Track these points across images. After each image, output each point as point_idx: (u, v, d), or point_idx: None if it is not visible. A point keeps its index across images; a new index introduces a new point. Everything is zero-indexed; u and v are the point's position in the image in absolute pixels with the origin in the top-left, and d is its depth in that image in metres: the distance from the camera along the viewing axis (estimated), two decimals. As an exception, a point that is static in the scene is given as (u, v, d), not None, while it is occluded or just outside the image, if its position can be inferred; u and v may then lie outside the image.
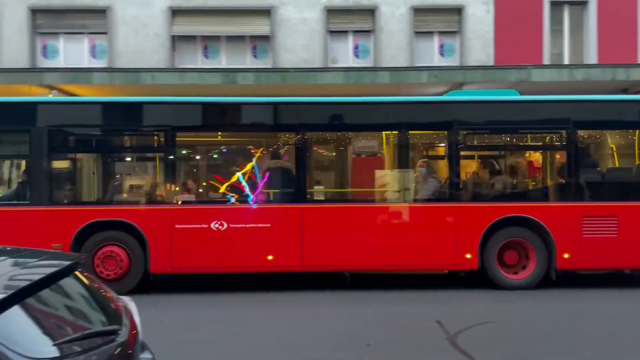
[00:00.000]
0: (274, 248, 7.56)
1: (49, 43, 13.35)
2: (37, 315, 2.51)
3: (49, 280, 2.72)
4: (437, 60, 13.43)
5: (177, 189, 7.87)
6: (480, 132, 8.20)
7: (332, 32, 13.40)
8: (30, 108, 7.79)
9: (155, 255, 7.54)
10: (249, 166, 7.92)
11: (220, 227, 7.60)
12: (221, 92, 10.13)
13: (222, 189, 7.86)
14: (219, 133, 8.57)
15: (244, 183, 7.78)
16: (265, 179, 7.81)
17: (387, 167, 8.16)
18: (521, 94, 8.52)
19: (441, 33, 13.51)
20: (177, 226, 7.62)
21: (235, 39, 13.46)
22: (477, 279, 7.81)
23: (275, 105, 8.09)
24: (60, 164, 8.01)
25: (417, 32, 13.31)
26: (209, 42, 13.52)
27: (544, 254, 7.51)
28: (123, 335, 2.71)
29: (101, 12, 13.10)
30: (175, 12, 13.23)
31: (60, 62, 13.22)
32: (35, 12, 13.09)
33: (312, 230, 7.54)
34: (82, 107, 8.27)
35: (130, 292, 6.44)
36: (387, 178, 8.11)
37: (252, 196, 7.71)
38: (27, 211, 7.49)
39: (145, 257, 7.55)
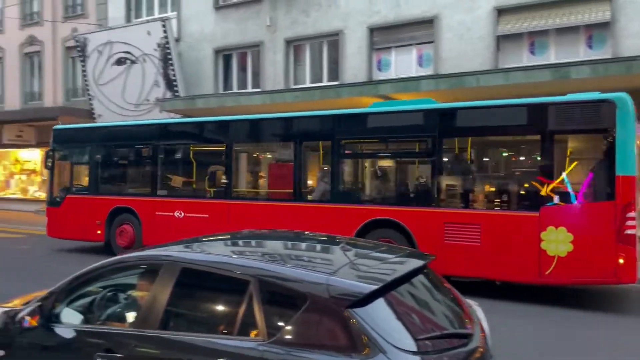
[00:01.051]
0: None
1: (383, 57, 14.85)
2: (398, 308, 2.69)
3: (407, 277, 2.89)
4: None
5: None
6: (355, 141, 8.97)
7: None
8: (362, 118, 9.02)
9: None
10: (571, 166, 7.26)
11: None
12: (550, 90, 9.40)
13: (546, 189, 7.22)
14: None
15: (568, 184, 7.12)
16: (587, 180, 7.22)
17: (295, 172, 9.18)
18: None
19: None
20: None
21: (567, 31, 12.33)
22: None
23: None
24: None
25: None
26: (536, 38, 12.76)
27: None
28: (475, 340, 2.68)
29: (428, 22, 13.84)
30: (501, 12, 12.95)
31: (392, 73, 14.54)
32: (372, 30, 14.74)
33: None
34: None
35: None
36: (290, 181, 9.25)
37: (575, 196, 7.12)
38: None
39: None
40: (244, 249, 3.79)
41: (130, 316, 3.28)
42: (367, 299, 2.54)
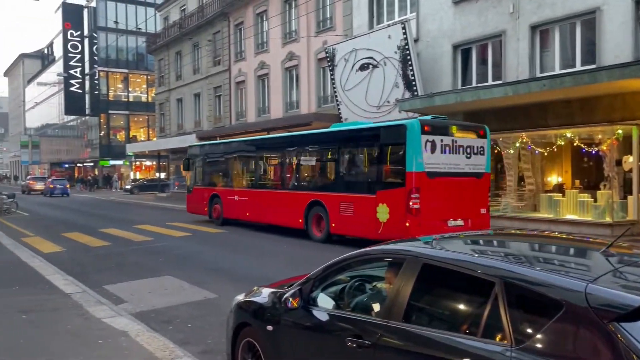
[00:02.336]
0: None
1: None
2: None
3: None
4: None
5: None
6: (301, 151, 14.51)
7: None
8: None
9: None
10: None
11: None
12: None
13: None
14: None
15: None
16: None
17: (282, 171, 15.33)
18: None
19: None
20: None
21: None
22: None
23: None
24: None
25: None
26: None
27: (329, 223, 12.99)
28: None
29: None
30: None
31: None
32: (638, 3, 12.62)
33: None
34: None
35: None
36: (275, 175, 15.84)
37: None
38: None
39: None
40: (485, 249, 3.68)
41: (376, 306, 3.46)
42: (637, 314, 2.19)
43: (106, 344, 5.33)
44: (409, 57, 17.43)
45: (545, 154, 15.51)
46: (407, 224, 10.74)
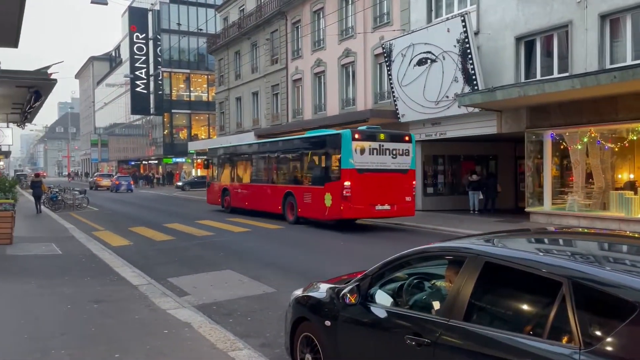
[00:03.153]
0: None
1: None
2: None
3: None
4: None
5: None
6: (278, 153, 18.43)
7: None
8: None
9: None
10: None
11: None
12: None
13: None
14: None
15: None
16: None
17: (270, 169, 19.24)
18: None
19: None
20: None
21: None
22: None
23: None
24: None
25: None
26: None
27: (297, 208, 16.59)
28: None
29: None
30: None
31: None
32: None
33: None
34: None
35: None
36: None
37: None
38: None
39: None
40: (551, 247, 3.56)
41: (436, 304, 3.41)
42: None
43: (171, 334, 5.55)
44: (468, 51, 16.99)
45: (616, 149, 14.72)
46: (342, 208, 14.52)
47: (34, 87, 12.31)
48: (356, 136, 14.52)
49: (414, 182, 15.78)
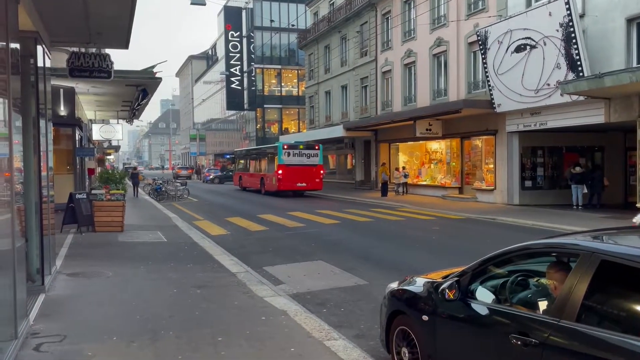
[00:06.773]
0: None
1: None
2: None
3: None
4: None
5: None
6: (258, 154, 32.29)
7: None
8: None
9: None
10: None
11: None
12: None
13: None
14: None
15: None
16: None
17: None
18: None
19: None
20: None
21: None
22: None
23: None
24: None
25: None
26: None
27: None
28: None
29: None
30: None
31: None
32: None
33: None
34: None
35: None
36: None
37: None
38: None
39: None
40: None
41: (542, 303, 3.24)
42: None
43: (268, 321, 5.74)
44: (573, 35, 15.87)
45: None
46: (278, 185, 26.73)
47: (141, 86, 13.24)
48: (285, 147, 27.35)
49: (322, 172, 28.03)
